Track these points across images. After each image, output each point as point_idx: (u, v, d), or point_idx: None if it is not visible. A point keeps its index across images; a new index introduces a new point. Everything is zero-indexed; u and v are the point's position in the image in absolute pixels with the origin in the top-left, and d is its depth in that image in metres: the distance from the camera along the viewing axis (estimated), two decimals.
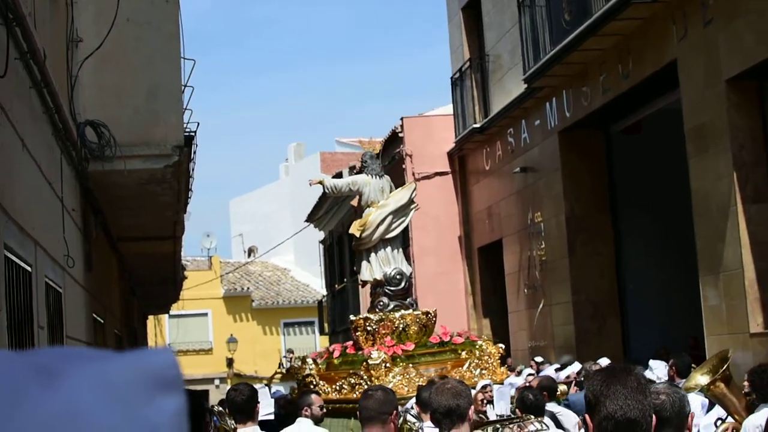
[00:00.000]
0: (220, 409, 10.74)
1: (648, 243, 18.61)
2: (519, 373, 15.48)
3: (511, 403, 9.26)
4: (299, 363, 12.59)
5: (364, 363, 11.70)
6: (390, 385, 10.92)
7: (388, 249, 12.99)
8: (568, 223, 18.33)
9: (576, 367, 15.00)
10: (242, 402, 7.06)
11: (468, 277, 24.14)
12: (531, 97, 19.18)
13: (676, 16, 14.01)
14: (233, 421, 7.66)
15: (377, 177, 13.21)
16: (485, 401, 9.98)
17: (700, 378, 7.61)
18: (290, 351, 29.31)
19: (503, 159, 21.49)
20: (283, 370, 17.26)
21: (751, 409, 7.85)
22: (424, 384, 9.65)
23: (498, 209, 21.95)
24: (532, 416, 7.89)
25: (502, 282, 21.88)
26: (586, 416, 3.54)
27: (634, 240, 18.61)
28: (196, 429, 4.36)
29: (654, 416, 3.55)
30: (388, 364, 11.53)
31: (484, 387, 10.22)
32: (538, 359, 17.52)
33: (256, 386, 13.45)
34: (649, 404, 3.47)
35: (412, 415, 8.79)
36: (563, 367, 15.64)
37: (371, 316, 12.53)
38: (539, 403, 8.34)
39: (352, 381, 11.52)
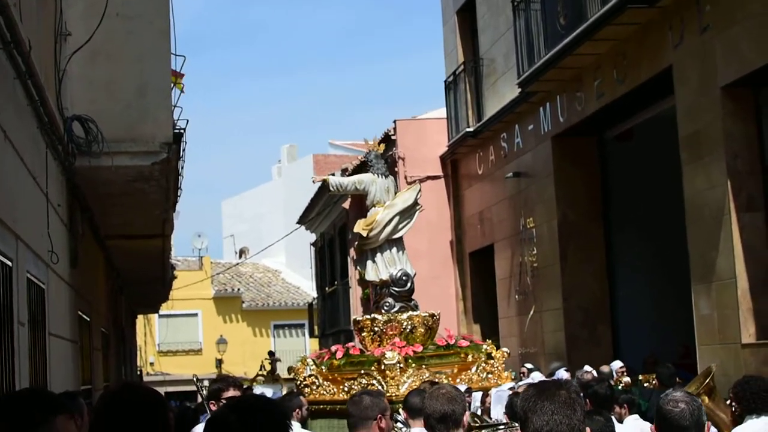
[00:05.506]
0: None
1: (640, 250, 18.49)
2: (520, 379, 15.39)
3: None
4: (298, 364, 12.40)
5: (377, 364, 11.55)
6: (404, 386, 10.86)
7: (394, 250, 12.84)
8: (560, 229, 18.22)
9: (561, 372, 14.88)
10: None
11: (459, 281, 24.02)
12: (525, 101, 19.07)
13: (673, 22, 13.91)
14: None
15: (383, 176, 13.09)
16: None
17: None
18: (271, 353, 29.13)
19: (496, 164, 21.38)
20: (265, 372, 17.11)
21: (738, 423, 7.72)
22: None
23: (490, 214, 21.84)
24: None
25: (493, 287, 21.77)
26: None
27: (626, 247, 18.49)
28: None
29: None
30: (402, 365, 11.40)
31: (511, 389, 10.27)
32: (528, 365, 17.39)
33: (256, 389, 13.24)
34: (579, 419, 3.42)
35: (399, 421, 8.64)
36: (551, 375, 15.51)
37: (378, 316, 12.39)
38: None
39: (364, 381, 11.36)
